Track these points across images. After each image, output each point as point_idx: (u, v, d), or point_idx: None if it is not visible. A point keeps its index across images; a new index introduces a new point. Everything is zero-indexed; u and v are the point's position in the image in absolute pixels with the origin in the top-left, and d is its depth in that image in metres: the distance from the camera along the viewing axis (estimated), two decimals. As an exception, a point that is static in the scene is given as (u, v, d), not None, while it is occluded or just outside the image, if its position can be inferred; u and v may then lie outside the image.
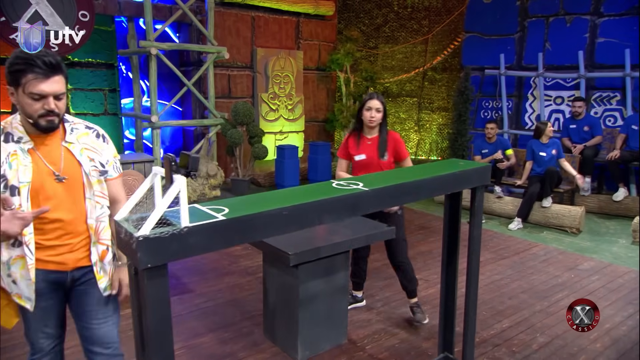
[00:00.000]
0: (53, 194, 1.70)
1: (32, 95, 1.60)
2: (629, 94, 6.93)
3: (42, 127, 1.65)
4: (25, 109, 1.63)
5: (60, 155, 1.73)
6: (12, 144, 1.66)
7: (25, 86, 1.59)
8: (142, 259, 1.13)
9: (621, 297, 3.69)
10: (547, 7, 7.66)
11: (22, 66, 1.58)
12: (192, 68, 7.68)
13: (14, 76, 1.59)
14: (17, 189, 1.63)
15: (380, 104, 3.00)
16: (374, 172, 2.74)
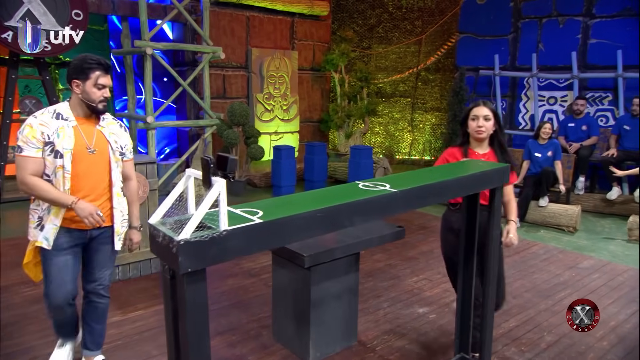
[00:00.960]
0: (86, 161, 2.24)
1: (98, 86, 2.20)
2: (621, 95, 7.04)
3: (100, 109, 2.26)
4: (90, 95, 2.21)
5: (94, 135, 2.28)
6: (61, 120, 2.21)
7: (93, 79, 2.18)
8: (183, 263, 1.11)
9: (623, 295, 3.74)
10: (540, 9, 7.75)
11: (93, 65, 2.18)
12: (187, 68, 7.61)
13: (84, 71, 2.18)
14: (61, 153, 2.17)
15: (489, 111, 2.45)
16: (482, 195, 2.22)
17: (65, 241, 2.24)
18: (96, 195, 2.29)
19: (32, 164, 2.14)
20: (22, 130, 2.16)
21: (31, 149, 2.14)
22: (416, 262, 4.37)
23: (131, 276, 3.90)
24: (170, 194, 1.28)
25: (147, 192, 3.84)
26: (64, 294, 2.29)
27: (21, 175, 2.15)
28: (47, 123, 2.18)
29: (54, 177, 2.18)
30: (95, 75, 2.18)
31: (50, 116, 2.21)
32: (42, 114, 2.21)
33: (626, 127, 6.32)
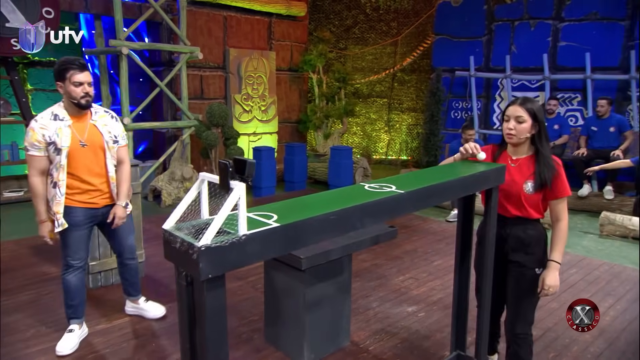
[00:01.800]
0: (80, 154, 2.62)
1: (75, 84, 2.52)
2: (590, 95, 7.31)
3: (83, 105, 2.58)
4: (71, 94, 2.54)
5: (86, 129, 2.65)
6: (58, 121, 2.58)
7: (70, 78, 2.52)
8: (204, 269, 1.09)
9: (600, 288, 3.89)
10: (512, 12, 7.97)
11: (68, 65, 2.52)
12: (163, 68, 7.46)
13: (61, 73, 2.52)
14: (60, 150, 2.56)
15: (523, 112, 2.08)
16: (513, 205, 2.16)
17: (81, 220, 2.73)
18: (93, 181, 2.71)
19: (37, 162, 2.58)
20: (27, 133, 2.56)
21: (35, 150, 2.55)
22: (401, 262, 4.42)
23: (114, 282, 3.80)
24: (184, 199, 1.26)
25: (130, 195, 3.74)
26: (80, 256, 2.81)
27: (29, 172, 2.61)
28: (47, 125, 2.55)
29: (54, 171, 2.60)
30: (70, 74, 2.52)
31: (49, 118, 2.57)
32: (42, 117, 2.57)
33: (593, 128, 6.56)
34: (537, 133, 2.12)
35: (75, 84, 2.52)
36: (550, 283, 2.16)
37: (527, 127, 2.09)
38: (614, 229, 5.45)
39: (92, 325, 3.14)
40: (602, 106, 6.41)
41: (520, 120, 2.09)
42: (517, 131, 2.10)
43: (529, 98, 2.16)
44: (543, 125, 2.12)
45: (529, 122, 2.09)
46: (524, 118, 2.08)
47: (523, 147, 2.17)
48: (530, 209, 2.15)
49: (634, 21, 7.23)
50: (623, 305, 3.56)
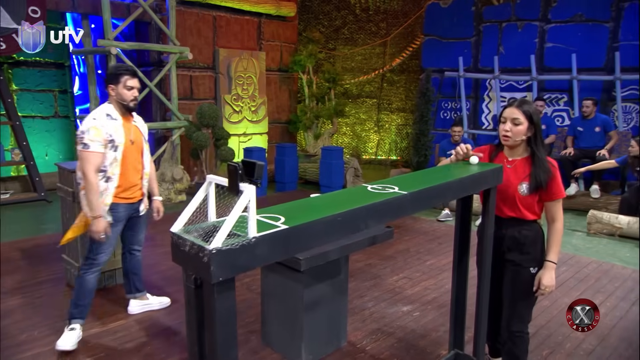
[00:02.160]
0: (130, 150, 2.86)
1: (127, 87, 2.79)
2: (576, 96, 7.43)
3: (131, 107, 2.85)
4: (122, 96, 2.80)
5: (131, 129, 2.90)
6: (112, 120, 2.79)
7: (123, 82, 2.79)
8: (215, 272, 1.08)
9: (589, 286, 3.95)
10: (500, 13, 8.06)
11: (122, 71, 2.81)
12: (152, 69, 7.39)
13: (116, 77, 2.79)
14: (117, 147, 2.79)
15: (520, 114, 2.09)
16: (509, 206, 2.19)
17: (123, 215, 2.93)
18: (136, 176, 2.94)
19: (97, 159, 2.72)
20: (87, 131, 2.69)
21: (97, 146, 2.70)
22: (394, 261, 4.45)
23: (107, 285, 3.76)
24: (191, 202, 1.25)
25: (122, 197, 3.71)
26: (110, 252, 2.98)
27: (85, 168, 2.70)
28: (106, 124, 2.75)
29: (109, 167, 2.78)
30: (124, 79, 2.78)
31: (105, 118, 2.77)
32: (99, 117, 2.76)
33: (579, 128, 6.68)
34: (533, 135, 2.13)
35: (127, 88, 2.79)
36: (546, 283, 2.19)
37: (523, 129, 2.10)
38: (601, 227, 5.55)
39: (85, 330, 3.09)
40: (588, 107, 6.53)
41: (516, 122, 2.10)
42: (513, 133, 2.11)
43: (526, 100, 2.17)
44: (539, 128, 2.13)
45: (525, 124, 2.10)
46: (520, 120, 2.09)
47: (519, 149, 2.18)
48: (524, 210, 2.17)
49: (617, 23, 7.36)
50: (613, 303, 3.63)
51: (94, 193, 2.71)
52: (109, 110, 2.81)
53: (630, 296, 3.76)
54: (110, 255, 3.00)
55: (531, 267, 2.22)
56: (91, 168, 2.69)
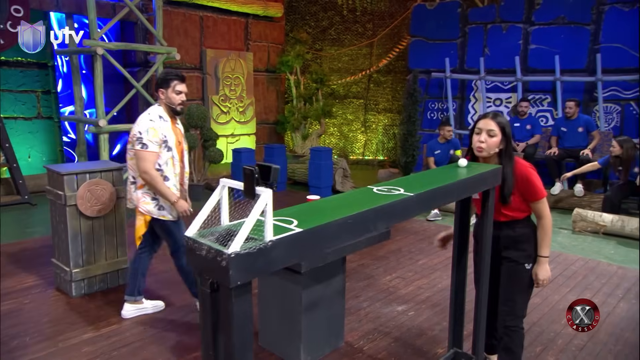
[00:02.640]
0: (178, 151, 3.03)
1: (176, 91, 2.94)
2: (559, 96, 7.59)
3: (178, 111, 3.01)
4: (171, 100, 2.95)
5: (177, 131, 3.08)
6: (164, 122, 2.95)
7: (173, 87, 2.93)
8: (234, 276, 1.08)
9: (577, 283, 4.04)
10: (485, 15, 8.18)
11: (172, 76, 2.95)
12: (139, 69, 7.31)
13: (167, 82, 2.93)
14: (170, 147, 2.96)
15: (495, 126, 2.13)
16: (496, 212, 2.22)
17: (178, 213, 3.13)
18: (182, 174, 3.11)
19: (154, 157, 2.88)
20: (146, 131, 2.86)
21: (154, 145, 2.87)
22: (387, 261, 4.48)
23: (97, 289, 3.71)
24: (205, 205, 1.25)
25: (114, 200, 3.66)
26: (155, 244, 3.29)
27: (146, 166, 2.87)
28: (161, 126, 2.91)
29: (165, 166, 2.95)
30: (174, 84, 2.92)
31: (159, 120, 2.93)
32: (154, 118, 2.92)
33: (563, 128, 6.82)
34: (504, 148, 2.17)
35: (176, 92, 2.93)
36: (542, 276, 2.29)
37: (497, 141, 2.14)
38: (585, 225, 5.67)
39: (78, 335, 3.06)
40: (571, 107, 6.67)
41: (491, 133, 2.14)
42: (488, 144, 2.14)
43: (498, 113, 2.23)
44: (510, 141, 2.17)
45: (499, 136, 2.14)
46: (495, 132, 2.14)
47: (492, 161, 2.20)
48: (511, 213, 2.24)
49: (598, 25, 7.54)
50: (600, 299, 3.72)
51: (161, 184, 2.91)
52: (160, 112, 2.97)
53: (617, 292, 3.86)
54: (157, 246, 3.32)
55: (526, 264, 2.30)
56: (151, 166, 2.88)
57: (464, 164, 2.07)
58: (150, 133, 2.85)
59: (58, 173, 3.43)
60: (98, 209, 3.56)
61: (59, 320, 3.25)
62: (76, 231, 3.51)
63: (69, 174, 3.42)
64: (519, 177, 2.18)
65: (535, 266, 2.30)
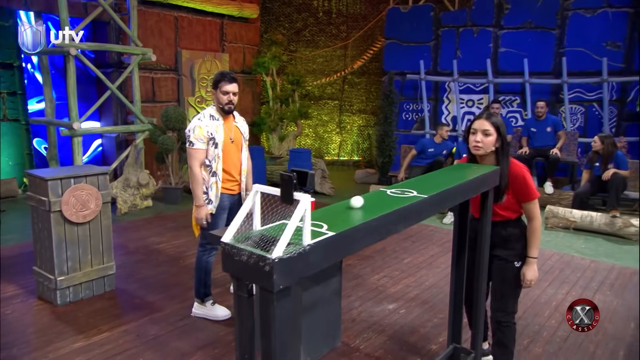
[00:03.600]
0: (229, 148, 3.16)
1: (223, 92, 3.06)
2: (528, 98, 7.88)
3: (226, 110, 3.11)
4: (219, 100, 3.09)
5: (232, 129, 3.19)
6: (214, 121, 3.10)
7: (220, 88, 3.06)
8: (277, 280, 1.11)
9: (555, 277, 4.23)
10: (457, 19, 8.40)
11: (220, 77, 3.07)
12: (112, 70, 7.12)
13: (215, 83, 3.08)
14: (217, 144, 3.08)
15: (489, 126, 2.25)
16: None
17: (226, 204, 3.23)
18: (235, 171, 3.22)
19: (200, 154, 3.06)
20: (193, 130, 3.05)
21: (200, 143, 3.05)
22: (373, 261, 4.55)
23: (83, 297, 3.61)
24: (240, 211, 1.26)
25: (99, 205, 3.58)
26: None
27: (191, 163, 3.08)
28: (209, 124, 3.06)
29: (213, 162, 3.10)
30: (221, 84, 3.05)
31: (209, 119, 3.09)
32: (203, 117, 3.09)
33: (533, 129, 7.10)
34: (500, 146, 2.28)
35: (223, 92, 3.05)
36: (530, 277, 2.39)
37: (492, 140, 2.26)
38: (557, 222, 5.93)
39: (69, 344, 2.98)
40: (542, 107, 6.95)
41: (487, 133, 2.25)
42: (484, 144, 2.25)
43: (493, 113, 2.35)
44: (505, 139, 2.28)
45: (494, 135, 2.25)
46: (490, 131, 2.25)
47: (489, 159, 2.31)
48: (503, 212, 2.34)
49: (563, 30, 7.88)
50: (578, 292, 3.91)
51: (197, 184, 3.08)
52: (212, 111, 3.13)
53: (592, 285, 4.06)
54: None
55: (515, 262, 2.40)
56: (196, 163, 3.06)
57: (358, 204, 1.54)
58: (196, 131, 3.04)
59: (41, 178, 3.32)
60: (84, 214, 3.48)
61: (46, 330, 3.15)
62: (61, 238, 3.41)
63: (53, 179, 3.32)
64: (513, 176, 2.28)
65: (524, 266, 2.40)
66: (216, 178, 3.12)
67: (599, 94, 7.72)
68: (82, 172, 3.51)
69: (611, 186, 5.72)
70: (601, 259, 4.81)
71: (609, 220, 5.62)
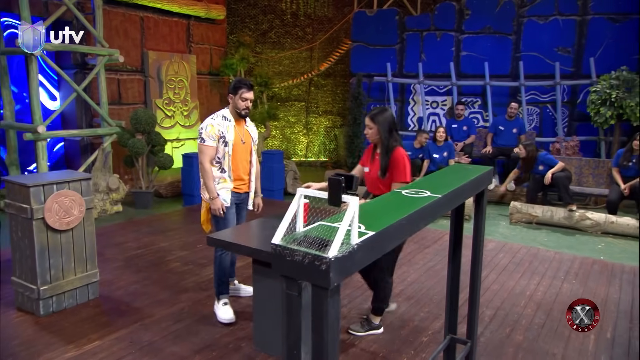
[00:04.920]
0: (239, 149, 3.36)
1: (242, 99, 3.29)
2: (489, 99, 8.28)
3: (243, 115, 3.34)
4: (237, 105, 3.31)
5: (243, 132, 3.41)
6: (227, 121, 3.33)
7: (240, 94, 3.28)
8: (333, 278, 1.18)
9: (526, 269, 4.50)
10: (421, 23, 8.69)
11: (240, 84, 3.28)
12: (75, 71, 6.88)
13: (235, 89, 3.29)
14: (228, 142, 3.28)
15: (369, 121, 2.97)
16: (375, 188, 3.06)
17: (232, 200, 3.38)
18: (243, 171, 3.42)
19: (211, 151, 3.26)
20: (205, 128, 3.27)
21: (210, 140, 3.25)
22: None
23: (67, 306, 3.51)
24: (287, 213, 1.32)
25: (83, 212, 3.49)
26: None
27: (202, 158, 3.28)
28: (220, 124, 3.29)
29: (222, 160, 3.30)
30: (241, 91, 3.28)
31: (221, 119, 3.32)
32: (216, 117, 3.32)
33: (501, 127, 7.48)
34: (382, 136, 2.94)
35: (242, 99, 3.28)
36: None
37: (374, 132, 2.98)
38: (520, 217, 6.28)
39: (59, 354, 2.90)
40: (514, 109, 7.34)
41: (369, 127, 2.98)
42: (369, 134, 3.01)
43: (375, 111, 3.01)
44: (385, 129, 2.93)
45: (375, 128, 2.96)
46: (371, 125, 2.97)
47: (380, 143, 3.00)
48: (385, 189, 2.96)
49: (519, 36, 8.33)
50: (548, 282, 4.19)
51: (209, 178, 3.26)
52: (226, 113, 3.35)
53: (559, 275, 4.36)
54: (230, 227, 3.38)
55: None
56: (206, 158, 3.26)
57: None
58: (207, 129, 3.26)
59: (23, 185, 3.21)
60: (67, 221, 3.38)
61: (32, 342, 3.05)
62: (43, 246, 3.31)
63: (36, 185, 3.21)
64: (395, 159, 2.94)
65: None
66: (225, 175, 3.32)
67: (552, 96, 8.21)
68: (64, 177, 3.42)
69: (558, 185, 6.16)
70: (563, 250, 5.15)
71: (567, 215, 6.02)
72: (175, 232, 5.50)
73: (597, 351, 3.07)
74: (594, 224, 5.86)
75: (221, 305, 3.38)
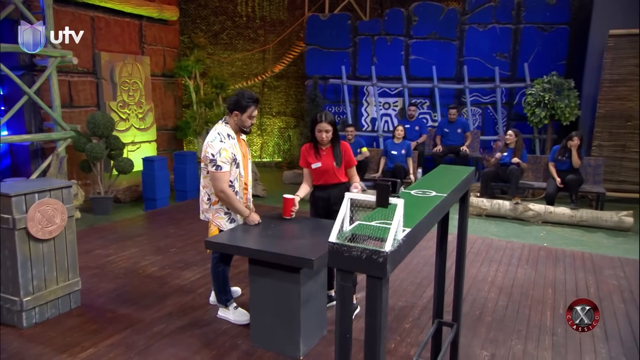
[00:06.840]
0: (244, 164, 3.33)
1: (251, 117, 3.24)
2: (437, 101, 8.81)
3: (248, 131, 3.32)
4: (244, 123, 3.24)
5: (242, 144, 3.35)
6: (231, 140, 3.21)
7: (249, 112, 3.21)
8: (388, 269, 1.39)
9: (484, 258, 4.94)
10: (372, 28, 9.07)
11: (250, 102, 3.20)
12: (23, 73, 6.54)
13: (244, 107, 3.19)
14: (238, 163, 3.24)
15: (328, 126, 3.33)
16: (330, 177, 3.45)
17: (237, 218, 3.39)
18: (246, 185, 3.39)
19: (227, 176, 3.16)
20: (219, 153, 3.11)
21: (227, 165, 3.14)
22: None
23: (49, 316, 3.44)
24: (339, 215, 1.50)
25: (65, 220, 3.44)
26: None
27: (222, 186, 3.15)
28: (230, 144, 3.17)
29: (235, 182, 3.24)
30: (250, 109, 3.20)
31: (228, 139, 3.18)
32: (225, 138, 3.16)
33: (445, 129, 8.01)
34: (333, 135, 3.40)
35: (250, 117, 3.22)
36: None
37: (332, 132, 3.38)
38: (472, 210, 6.80)
39: (55, 365, 2.87)
40: (453, 114, 7.89)
41: (328, 130, 3.35)
42: (328, 137, 3.37)
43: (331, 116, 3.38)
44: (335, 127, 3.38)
45: (331, 130, 3.37)
46: (329, 128, 3.35)
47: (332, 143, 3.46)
48: (340, 177, 3.48)
49: (462, 41, 8.93)
50: (504, 268, 4.63)
51: (235, 201, 3.20)
52: (227, 130, 3.21)
53: (513, 261, 4.82)
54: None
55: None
56: (226, 185, 3.16)
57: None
58: (222, 154, 3.11)
59: (5, 195, 3.11)
60: (50, 230, 3.32)
61: (20, 355, 2.98)
62: (26, 256, 3.23)
63: (18, 194, 3.13)
64: (344, 150, 3.45)
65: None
66: (238, 196, 3.26)
67: (492, 98, 8.88)
68: (45, 186, 3.34)
69: (511, 176, 6.74)
70: (512, 239, 5.68)
71: (512, 207, 6.60)
72: (144, 237, 5.43)
73: (555, 325, 3.50)
74: (535, 214, 6.48)
75: (232, 309, 3.44)
